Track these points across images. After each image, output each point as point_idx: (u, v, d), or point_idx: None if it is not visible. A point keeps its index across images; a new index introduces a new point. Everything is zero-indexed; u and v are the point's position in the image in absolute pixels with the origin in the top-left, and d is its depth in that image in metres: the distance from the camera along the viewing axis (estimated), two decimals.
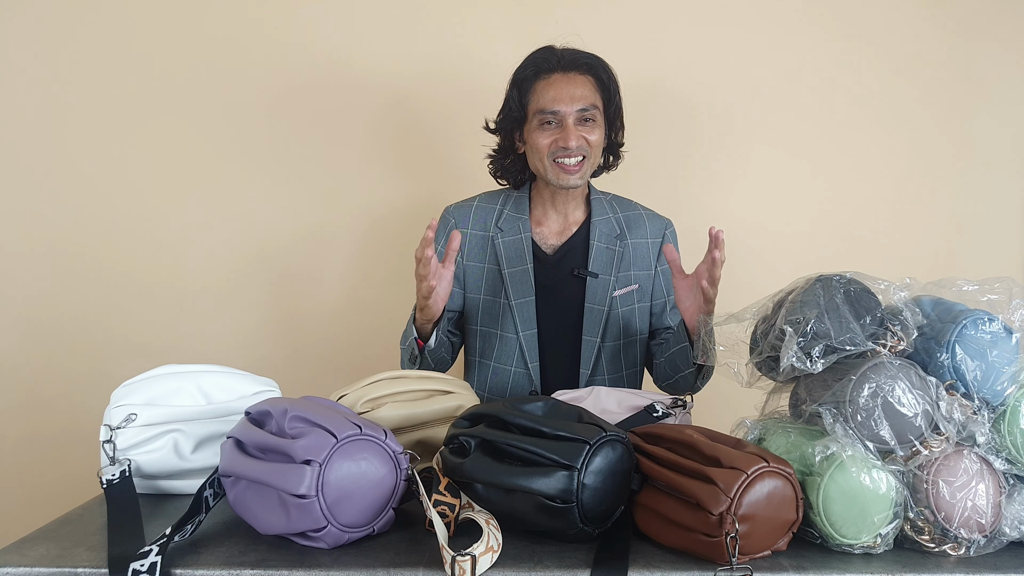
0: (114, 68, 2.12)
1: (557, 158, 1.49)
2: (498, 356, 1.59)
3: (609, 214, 1.61)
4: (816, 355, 0.95)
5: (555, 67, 1.51)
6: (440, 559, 0.85)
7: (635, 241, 1.61)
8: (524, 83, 1.52)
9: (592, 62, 1.52)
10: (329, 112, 2.15)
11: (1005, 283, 0.99)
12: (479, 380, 1.62)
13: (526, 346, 1.56)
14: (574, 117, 1.47)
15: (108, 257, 2.15)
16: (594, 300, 1.56)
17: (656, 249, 1.62)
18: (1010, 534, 0.91)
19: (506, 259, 1.57)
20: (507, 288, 1.57)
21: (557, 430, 0.92)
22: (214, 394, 1.16)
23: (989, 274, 1.01)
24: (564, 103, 1.47)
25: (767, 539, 0.88)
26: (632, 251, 1.60)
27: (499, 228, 1.59)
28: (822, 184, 2.18)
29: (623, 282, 1.58)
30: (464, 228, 1.60)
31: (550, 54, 1.53)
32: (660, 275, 1.61)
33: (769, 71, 2.15)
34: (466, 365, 1.69)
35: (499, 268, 1.57)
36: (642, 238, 1.61)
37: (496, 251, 1.58)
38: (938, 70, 2.15)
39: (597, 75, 1.52)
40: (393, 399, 1.19)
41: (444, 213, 1.64)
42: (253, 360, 2.13)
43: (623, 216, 1.62)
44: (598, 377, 1.58)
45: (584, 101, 1.48)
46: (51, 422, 2.15)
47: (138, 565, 0.83)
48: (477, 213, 1.61)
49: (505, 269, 1.56)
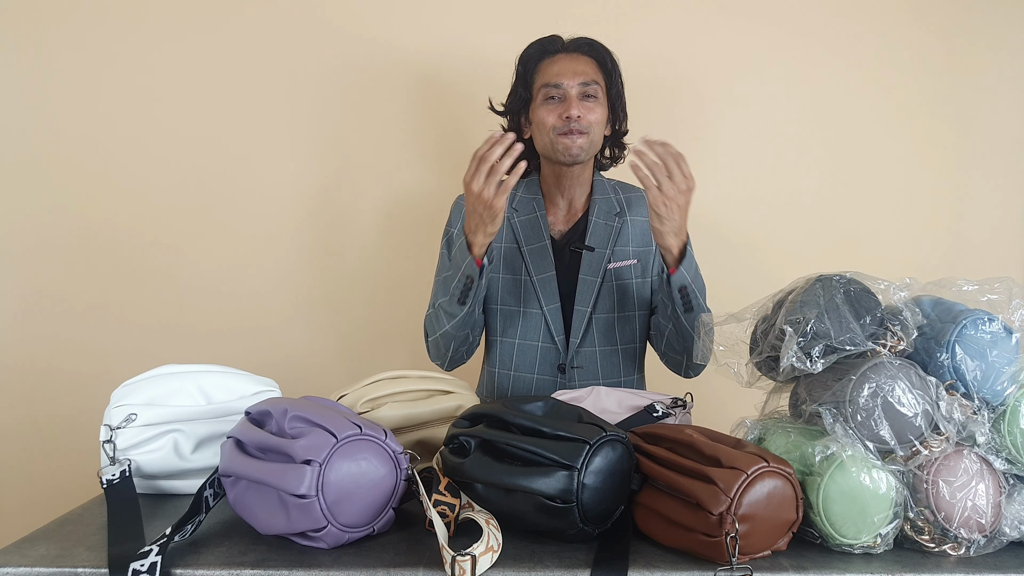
0: (117, 61, 2.12)
1: (560, 132, 1.52)
2: (523, 333, 1.61)
3: (611, 195, 1.65)
4: (816, 355, 0.95)
5: (560, 48, 1.58)
6: (440, 559, 0.85)
7: (634, 218, 1.63)
8: (529, 62, 1.58)
9: (595, 45, 1.58)
10: (329, 113, 2.15)
11: (1005, 283, 0.99)
12: (503, 358, 1.64)
13: (551, 320, 1.58)
14: (577, 90, 1.51)
15: (108, 256, 2.15)
16: (588, 272, 1.59)
17: None
18: (1010, 534, 0.91)
19: (524, 237, 1.61)
20: (527, 264, 1.60)
21: (557, 430, 0.92)
22: (214, 394, 1.16)
23: (989, 274, 1.01)
24: (567, 77, 1.52)
25: (767, 539, 0.88)
26: (631, 227, 1.62)
27: (514, 209, 1.64)
28: (822, 184, 2.18)
29: (620, 256, 1.60)
30: None
31: (555, 38, 1.59)
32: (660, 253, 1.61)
33: (768, 69, 2.15)
34: (487, 346, 1.71)
35: (517, 246, 1.61)
36: (642, 216, 1.63)
37: (513, 230, 1.62)
38: (938, 69, 2.15)
39: (600, 57, 1.57)
40: (393, 399, 1.19)
41: (457, 200, 1.67)
42: (253, 360, 2.12)
43: (624, 197, 1.66)
44: (587, 348, 1.59)
45: (586, 76, 1.53)
46: (51, 422, 2.15)
47: (138, 565, 0.83)
48: None
49: (524, 246, 1.60)
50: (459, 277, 1.45)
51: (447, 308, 1.50)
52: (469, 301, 1.47)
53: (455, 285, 1.46)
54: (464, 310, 1.47)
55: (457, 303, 1.47)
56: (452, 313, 1.49)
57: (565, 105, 1.51)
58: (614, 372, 1.61)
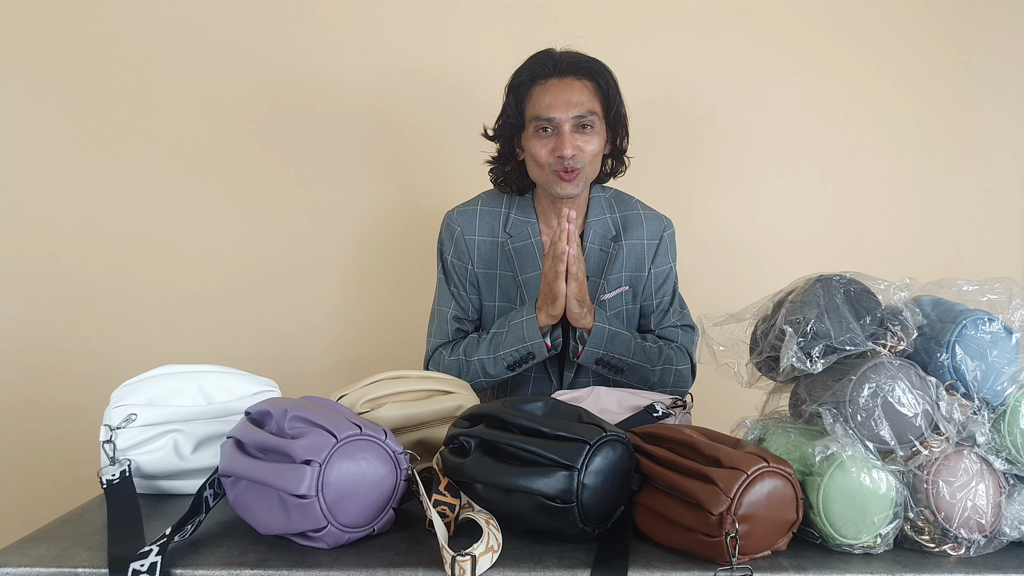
0: (111, 72, 2.12)
1: (554, 169, 1.45)
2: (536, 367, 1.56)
3: (606, 214, 1.58)
4: (816, 355, 0.95)
5: (551, 72, 1.45)
6: (440, 559, 0.85)
7: (630, 242, 1.57)
8: (520, 88, 1.47)
9: (591, 66, 1.46)
10: (329, 112, 2.15)
11: (1005, 283, 0.99)
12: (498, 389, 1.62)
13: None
14: (571, 124, 1.42)
15: (108, 257, 2.15)
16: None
17: (652, 251, 1.58)
18: (1010, 534, 0.91)
19: (519, 265, 1.54)
20: (524, 294, 1.55)
21: (557, 430, 0.92)
22: (214, 394, 1.16)
23: (989, 274, 1.01)
24: (560, 110, 1.42)
25: (767, 539, 0.88)
26: (626, 252, 1.57)
27: (508, 234, 1.55)
28: (822, 184, 2.18)
29: (613, 284, 1.56)
30: (471, 235, 1.56)
31: (547, 58, 1.47)
32: (653, 277, 1.59)
33: (769, 73, 2.15)
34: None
35: (513, 275, 1.55)
36: (638, 239, 1.58)
37: (508, 257, 1.55)
38: (938, 70, 2.15)
39: (596, 80, 1.46)
40: (393, 399, 1.19)
41: (447, 219, 1.59)
42: (253, 360, 2.13)
43: (620, 216, 1.59)
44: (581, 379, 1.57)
45: (581, 107, 1.43)
46: (51, 422, 2.16)
47: (138, 565, 0.83)
48: (483, 218, 1.57)
49: (519, 275, 1.54)
50: (518, 348, 1.42)
51: (489, 369, 1.46)
52: (519, 371, 1.45)
53: (508, 352, 1.43)
54: (510, 375, 1.45)
55: (506, 368, 1.45)
56: (494, 375, 1.46)
57: (559, 141, 1.42)
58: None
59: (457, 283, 1.57)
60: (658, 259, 1.58)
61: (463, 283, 1.57)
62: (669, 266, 1.60)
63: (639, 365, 1.46)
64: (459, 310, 1.57)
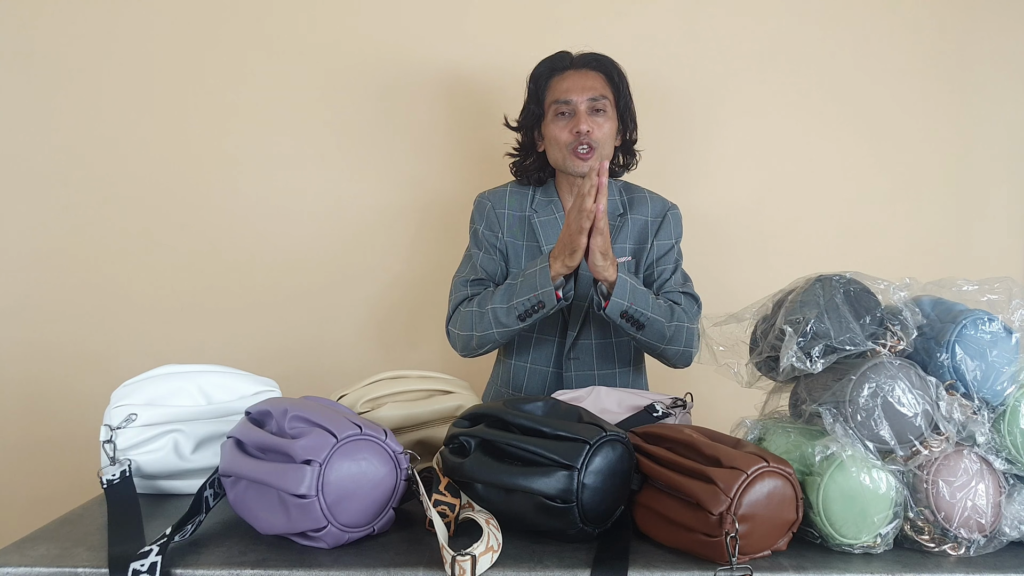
0: (121, 66, 2.12)
1: (572, 148, 1.56)
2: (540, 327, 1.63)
3: (616, 196, 1.68)
4: (816, 355, 0.95)
5: (568, 65, 1.62)
6: (440, 559, 0.85)
7: (635, 217, 1.66)
8: (540, 79, 1.63)
9: (603, 60, 1.63)
10: (328, 113, 2.15)
11: (1005, 283, 0.99)
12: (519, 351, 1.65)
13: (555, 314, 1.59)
14: (586, 105, 1.56)
15: (108, 257, 2.15)
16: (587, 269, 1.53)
17: (655, 226, 1.65)
18: (1010, 534, 0.91)
19: (544, 237, 1.63)
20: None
21: (557, 430, 0.92)
22: (214, 394, 1.16)
23: (989, 274, 1.01)
24: (576, 92, 1.57)
25: (767, 539, 0.88)
26: (631, 225, 1.65)
27: (534, 210, 1.67)
28: (822, 184, 2.18)
29: (617, 254, 1.61)
30: (501, 209, 1.66)
31: (564, 54, 1.64)
32: (656, 249, 1.65)
33: (767, 70, 2.15)
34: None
35: (539, 244, 1.63)
36: (643, 215, 1.66)
37: (534, 229, 1.64)
38: (938, 69, 2.15)
39: (608, 72, 1.62)
40: (393, 399, 1.19)
41: (478, 199, 1.70)
42: (253, 360, 2.13)
43: (628, 198, 1.68)
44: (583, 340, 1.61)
45: (595, 91, 1.57)
46: (51, 422, 2.15)
47: (138, 565, 0.83)
48: (512, 196, 1.68)
49: (544, 246, 1.63)
50: (529, 296, 1.45)
51: (502, 318, 1.49)
52: (530, 322, 1.47)
53: (521, 300, 1.46)
54: (521, 327, 1.48)
55: (517, 318, 1.47)
56: (506, 325, 1.49)
57: (575, 120, 1.56)
58: (609, 364, 1.62)
59: (488, 249, 1.65)
60: (661, 233, 1.65)
61: (493, 250, 1.65)
62: (672, 242, 1.66)
63: (657, 319, 1.48)
64: (484, 273, 1.64)
